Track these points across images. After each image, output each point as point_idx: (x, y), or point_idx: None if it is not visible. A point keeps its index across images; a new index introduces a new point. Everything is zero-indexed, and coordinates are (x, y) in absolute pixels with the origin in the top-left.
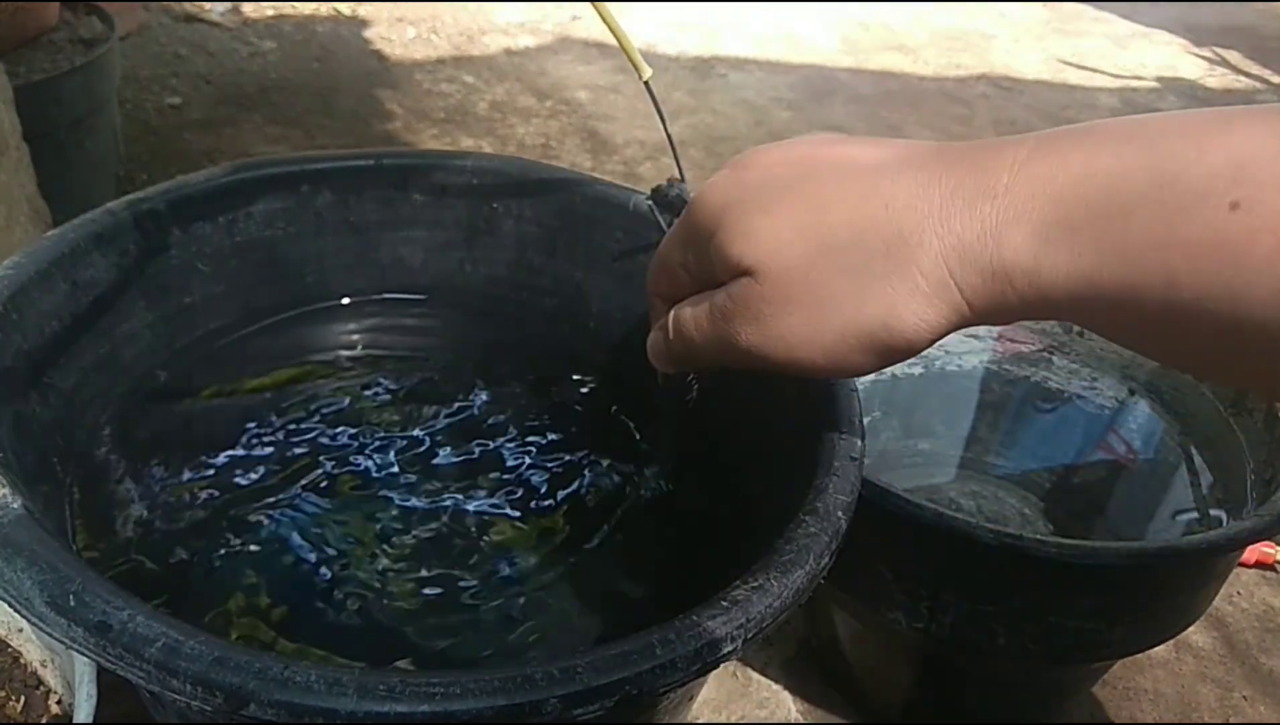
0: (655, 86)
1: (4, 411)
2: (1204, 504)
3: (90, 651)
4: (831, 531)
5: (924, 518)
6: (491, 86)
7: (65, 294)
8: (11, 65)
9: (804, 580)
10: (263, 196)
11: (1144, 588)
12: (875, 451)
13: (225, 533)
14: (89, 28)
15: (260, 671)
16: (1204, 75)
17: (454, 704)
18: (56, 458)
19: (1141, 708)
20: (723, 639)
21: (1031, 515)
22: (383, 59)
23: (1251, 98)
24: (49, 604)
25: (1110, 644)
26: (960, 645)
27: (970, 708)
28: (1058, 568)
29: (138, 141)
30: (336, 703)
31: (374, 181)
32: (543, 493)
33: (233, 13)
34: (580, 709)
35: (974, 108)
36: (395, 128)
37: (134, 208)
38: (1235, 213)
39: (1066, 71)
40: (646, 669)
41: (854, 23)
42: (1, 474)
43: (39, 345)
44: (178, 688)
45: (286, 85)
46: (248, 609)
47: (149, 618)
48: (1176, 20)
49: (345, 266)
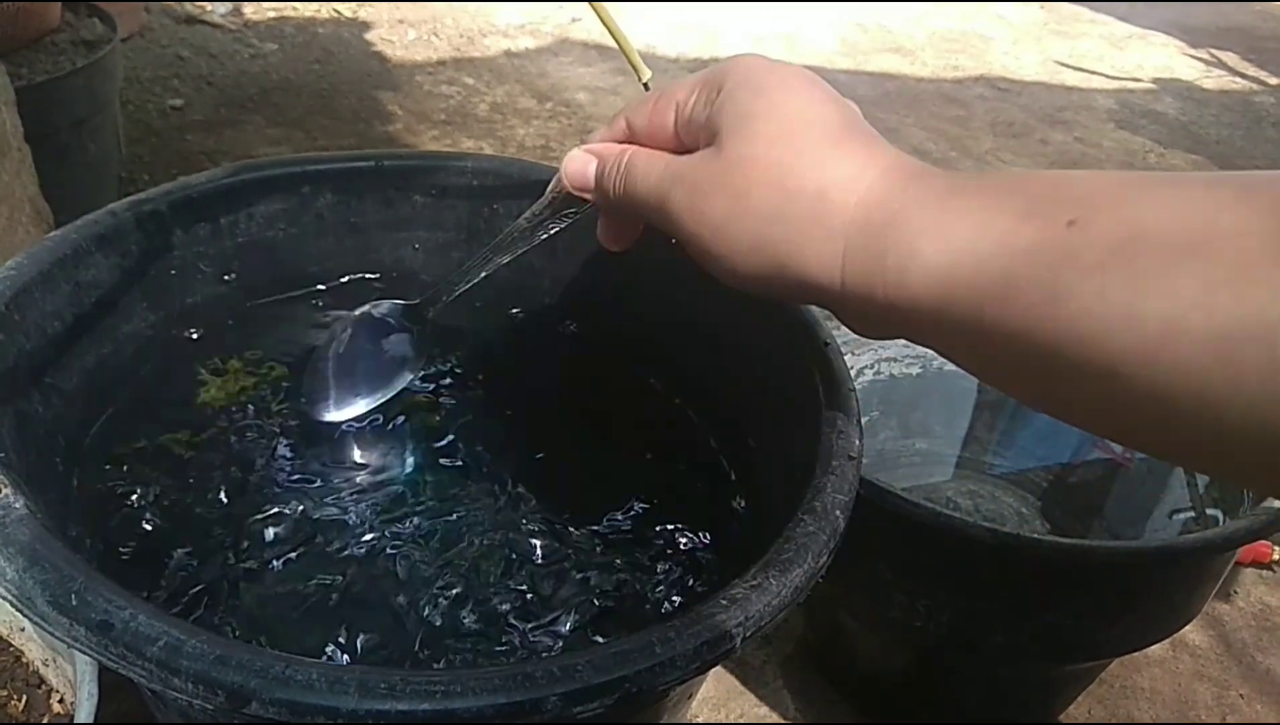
0: (655, 88)
1: (6, 411)
2: (1200, 503)
3: (92, 650)
4: (830, 530)
5: (922, 517)
6: (492, 88)
7: (67, 295)
8: (13, 66)
9: (802, 579)
10: (264, 198)
11: (1141, 586)
12: (873, 451)
13: (228, 533)
14: (91, 29)
15: (262, 670)
16: (1200, 76)
17: (455, 702)
18: (58, 458)
19: (1139, 706)
20: (722, 637)
21: (1029, 514)
22: (383, 61)
23: (1248, 98)
24: (51, 603)
25: (1107, 642)
26: (958, 643)
27: (968, 706)
28: (1055, 567)
29: (139, 143)
30: (338, 701)
31: (375, 183)
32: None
33: (234, 14)
34: (580, 707)
35: (972, 109)
36: (396, 129)
37: (136, 209)
38: (1071, 228)
39: (1064, 73)
40: (646, 667)
41: (852, 24)
42: (3, 473)
43: (41, 345)
44: (179, 686)
45: (288, 87)
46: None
47: (151, 617)
48: (1173, 22)
49: (346, 267)
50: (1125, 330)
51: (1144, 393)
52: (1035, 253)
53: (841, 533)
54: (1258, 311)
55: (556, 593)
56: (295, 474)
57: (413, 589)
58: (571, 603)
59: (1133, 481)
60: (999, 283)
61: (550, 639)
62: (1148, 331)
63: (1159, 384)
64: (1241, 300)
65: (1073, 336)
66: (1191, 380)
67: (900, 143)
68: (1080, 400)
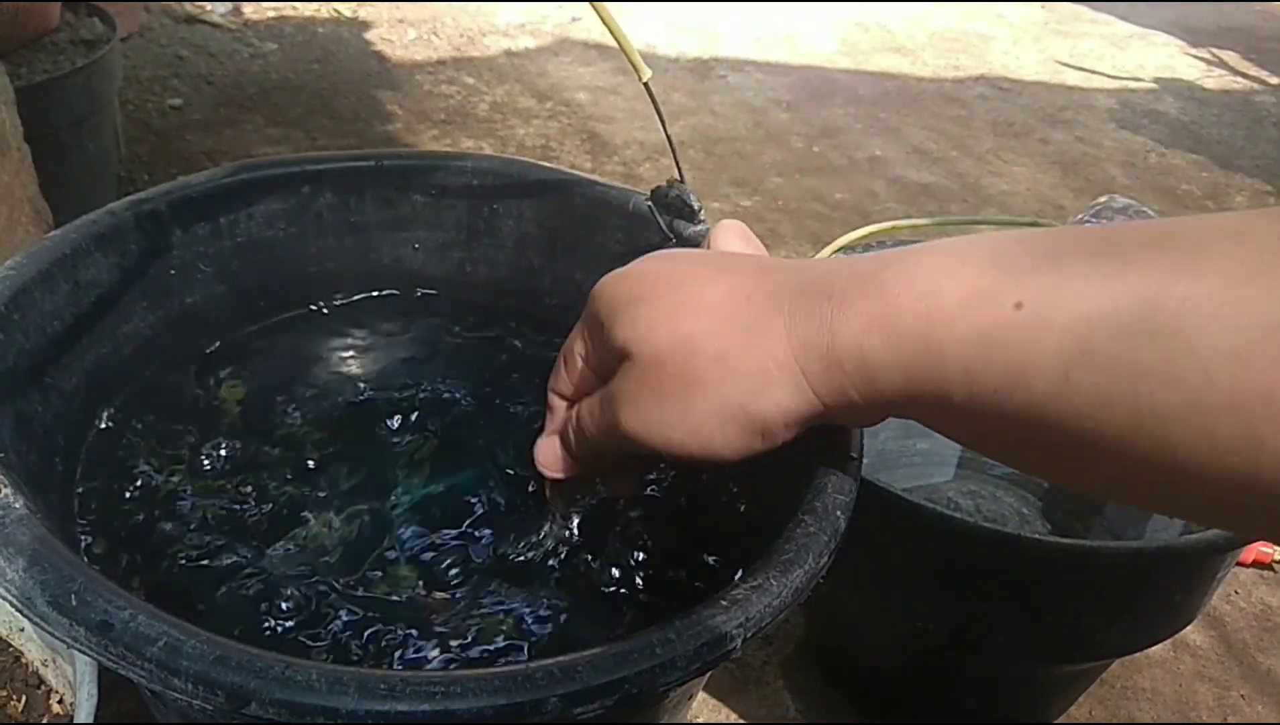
0: (654, 88)
1: (6, 411)
2: None
3: (92, 651)
4: (830, 531)
5: (923, 517)
6: (492, 88)
7: (67, 294)
8: (13, 66)
9: (803, 579)
10: (263, 197)
11: (1141, 587)
12: (874, 451)
13: (229, 532)
14: (90, 29)
15: (261, 670)
16: (1201, 76)
17: (454, 703)
18: (58, 457)
19: (1140, 706)
20: (723, 638)
21: (1029, 515)
22: (383, 60)
23: (1249, 98)
24: (51, 603)
25: (1108, 643)
26: (958, 644)
27: (968, 706)
28: (1056, 567)
29: (139, 142)
30: (337, 701)
31: (374, 182)
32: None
33: (234, 14)
34: (580, 708)
35: (972, 109)
36: (396, 129)
37: (135, 208)
38: (1019, 311)
39: (1064, 73)
40: (646, 668)
41: (853, 24)
42: (3, 474)
43: (41, 345)
44: (179, 687)
45: (287, 86)
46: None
47: (150, 617)
48: (1174, 21)
49: (346, 267)
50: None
51: (1141, 462)
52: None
53: (842, 533)
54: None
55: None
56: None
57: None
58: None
59: None
60: (956, 371)
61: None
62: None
63: (1150, 456)
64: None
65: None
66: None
67: (901, 143)
68: (1088, 479)
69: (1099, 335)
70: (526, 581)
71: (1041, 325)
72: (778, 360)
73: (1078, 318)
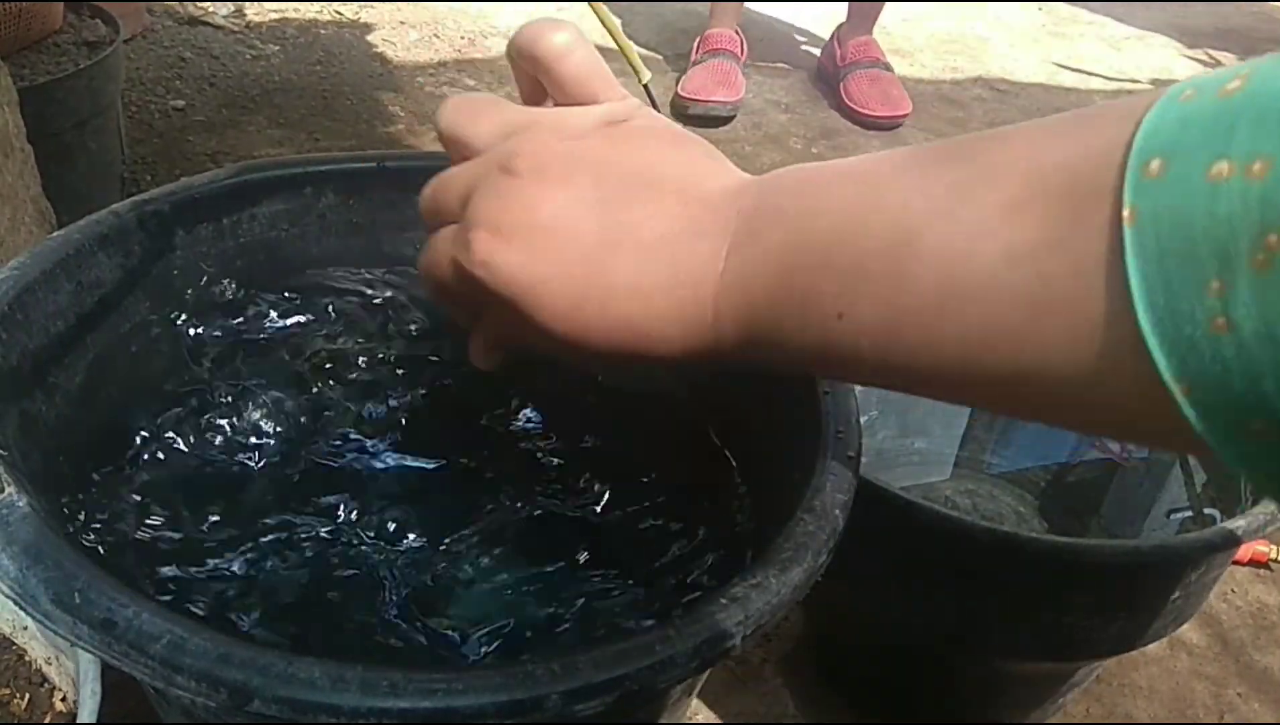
0: (654, 89)
1: (10, 410)
2: (1198, 502)
3: (95, 648)
4: (829, 529)
5: (921, 516)
6: (493, 89)
7: (70, 294)
8: (16, 67)
9: (802, 577)
10: (266, 198)
11: (1138, 585)
12: (872, 450)
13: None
14: (93, 30)
15: (264, 668)
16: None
17: (456, 700)
18: (62, 456)
19: (1136, 704)
20: (722, 635)
21: (1027, 513)
22: (385, 62)
23: None
24: (54, 601)
25: (1104, 641)
26: (956, 642)
27: (966, 704)
28: (1052, 565)
29: (142, 144)
30: (340, 699)
31: (377, 183)
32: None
33: (236, 16)
34: (581, 705)
35: (970, 110)
36: (398, 130)
37: (138, 209)
38: (840, 321)
39: (1062, 74)
40: (647, 665)
41: None
42: (7, 472)
43: (44, 345)
44: (182, 684)
45: (290, 88)
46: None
47: (154, 614)
48: (1171, 23)
49: (347, 268)
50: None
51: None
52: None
53: (841, 532)
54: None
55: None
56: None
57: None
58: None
59: (1130, 481)
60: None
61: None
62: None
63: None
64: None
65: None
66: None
67: (900, 144)
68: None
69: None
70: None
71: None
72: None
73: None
